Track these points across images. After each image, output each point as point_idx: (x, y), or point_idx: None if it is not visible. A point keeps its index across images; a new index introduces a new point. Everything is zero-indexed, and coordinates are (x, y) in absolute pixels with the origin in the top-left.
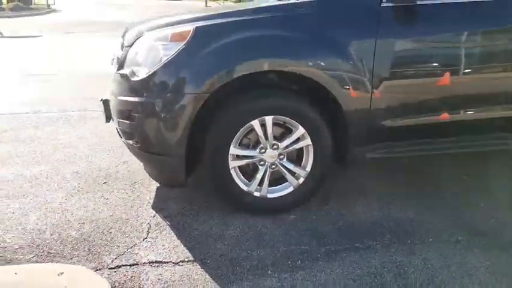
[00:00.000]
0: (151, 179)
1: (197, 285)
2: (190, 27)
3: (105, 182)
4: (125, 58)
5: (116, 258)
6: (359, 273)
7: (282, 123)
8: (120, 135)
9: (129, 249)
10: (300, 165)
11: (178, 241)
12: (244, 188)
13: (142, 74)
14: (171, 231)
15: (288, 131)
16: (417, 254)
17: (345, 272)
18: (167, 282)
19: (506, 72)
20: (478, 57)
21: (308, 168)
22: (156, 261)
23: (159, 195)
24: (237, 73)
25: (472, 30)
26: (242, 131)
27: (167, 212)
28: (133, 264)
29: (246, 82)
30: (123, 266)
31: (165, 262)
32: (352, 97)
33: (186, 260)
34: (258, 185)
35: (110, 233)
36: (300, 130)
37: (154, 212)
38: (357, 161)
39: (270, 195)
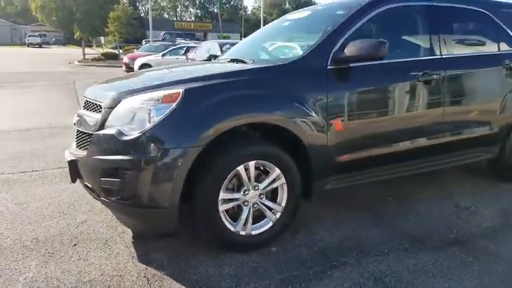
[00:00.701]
0: (121, 235)
1: None
2: (179, 90)
3: (75, 244)
4: (105, 119)
5: None
6: (347, 285)
7: (260, 167)
8: (95, 193)
9: None
10: (276, 201)
11: (184, 287)
12: (232, 228)
13: (133, 133)
14: (172, 279)
15: (265, 173)
16: (382, 263)
17: (336, 286)
18: None
19: (420, 112)
20: (397, 101)
21: (283, 204)
22: None
23: (139, 249)
24: (224, 127)
25: (391, 83)
26: (229, 177)
27: (157, 263)
28: None
29: (230, 134)
30: None
31: None
32: (313, 139)
33: None
34: (244, 225)
35: None
36: (276, 171)
37: (144, 265)
38: (318, 193)
39: (253, 232)
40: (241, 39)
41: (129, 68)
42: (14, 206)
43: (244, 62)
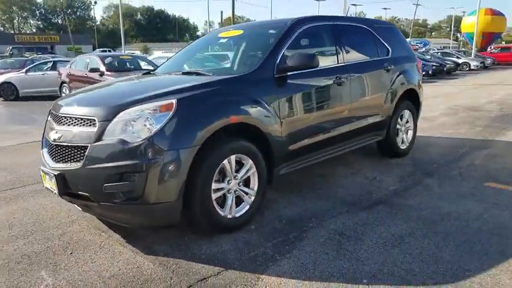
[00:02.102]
0: (110, 238)
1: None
2: (172, 100)
3: (71, 253)
4: (103, 131)
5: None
6: (322, 240)
7: (237, 159)
8: (90, 200)
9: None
10: (249, 187)
11: (201, 264)
12: (222, 213)
13: (137, 140)
14: (185, 261)
15: (239, 164)
16: (337, 222)
17: (315, 242)
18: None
19: (337, 107)
20: (321, 100)
21: (255, 188)
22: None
23: (137, 246)
24: (213, 128)
25: (316, 85)
26: (218, 169)
27: (163, 253)
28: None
29: (216, 134)
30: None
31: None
32: (272, 133)
33: (225, 268)
34: (229, 209)
35: (150, 280)
36: (250, 162)
37: (153, 256)
38: (276, 178)
39: (237, 215)
40: (93, 50)
41: None
42: None
43: (202, 75)
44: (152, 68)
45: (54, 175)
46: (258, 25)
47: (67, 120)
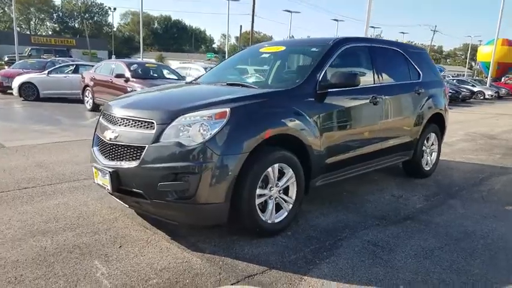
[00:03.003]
0: (155, 235)
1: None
2: (226, 109)
3: (120, 246)
4: (160, 133)
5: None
6: (357, 248)
7: (279, 168)
8: (145, 197)
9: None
10: (288, 195)
11: (246, 263)
12: (263, 218)
13: (192, 144)
14: (231, 258)
15: (280, 173)
16: (369, 234)
17: (350, 251)
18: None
19: (372, 125)
20: (358, 117)
21: (294, 197)
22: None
23: (183, 243)
24: (262, 138)
25: (355, 103)
26: (263, 176)
27: (208, 250)
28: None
29: (263, 143)
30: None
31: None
32: (313, 145)
33: (269, 268)
34: (270, 215)
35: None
36: (290, 171)
37: (199, 253)
38: (312, 189)
39: (276, 220)
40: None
41: (4, 87)
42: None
43: (249, 87)
44: (176, 77)
45: (109, 172)
46: (300, 43)
47: (125, 121)
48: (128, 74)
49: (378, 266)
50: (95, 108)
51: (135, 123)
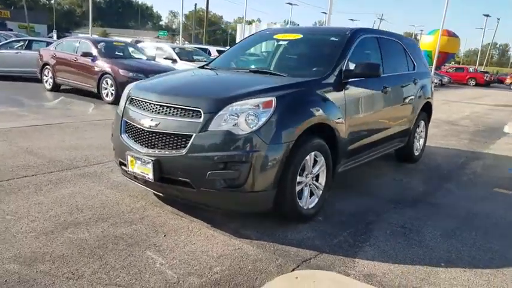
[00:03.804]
0: (194, 224)
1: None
2: (271, 98)
3: (165, 235)
4: (208, 122)
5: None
6: (388, 232)
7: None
8: (191, 186)
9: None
10: (318, 181)
11: (296, 248)
12: (300, 204)
13: (241, 132)
14: (279, 244)
15: (314, 161)
16: (392, 216)
17: (383, 233)
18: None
19: (383, 112)
20: (374, 105)
21: (323, 183)
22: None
23: (226, 231)
24: (304, 127)
25: (372, 92)
26: (302, 165)
27: (254, 237)
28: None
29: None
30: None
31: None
32: (340, 133)
33: (319, 252)
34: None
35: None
36: (322, 159)
37: (246, 239)
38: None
39: (310, 206)
40: (50, 31)
41: None
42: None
43: (278, 75)
44: (144, 57)
45: (152, 160)
46: (316, 31)
47: (166, 109)
48: (95, 53)
49: (414, 247)
50: (56, 87)
51: (179, 111)
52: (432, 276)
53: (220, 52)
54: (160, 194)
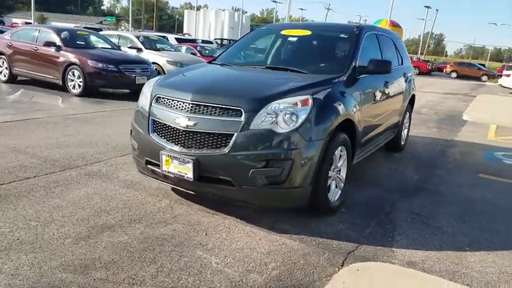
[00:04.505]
0: (227, 221)
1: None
2: (307, 96)
3: (206, 234)
4: (249, 121)
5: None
6: (408, 219)
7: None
8: (232, 184)
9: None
10: (340, 174)
11: (335, 240)
12: (329, 197)
13: (283, 131)
14: (317, 237)
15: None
16: (404, 205)
17: (405, 222)
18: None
19: (385, 105)
20: (380, 98)
21: (344, 176)
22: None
23: (262, 227)
24: (336, 123)
25: (379, 86)
26: (332, 159)
27: (293, 231)
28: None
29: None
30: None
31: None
32: (358, 127)
33: (358, 243)
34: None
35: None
36: (345, 153)
37: (285, 234)
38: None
39: (335, 199)
40: None
41: None
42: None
43: (295, 71)
44: (109, 46)
45: (192, 160)
46: (324, 28)
47: (203, 108)
48: (59, 42)
49: (437, 233)
50: (12, 79)
51: (217, 110)
52: (464, 260)
53: (178, 40)
54: (191, 193)
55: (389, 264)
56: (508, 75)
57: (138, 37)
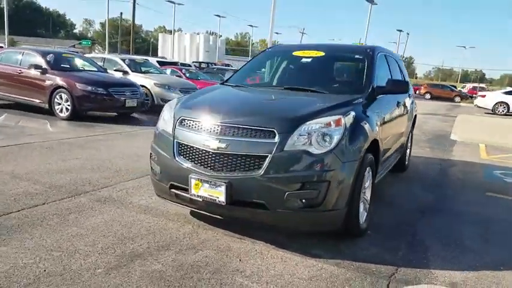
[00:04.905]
0: (258, 246)
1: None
2: (339, 116)
3: (240, 260)
4: (284, 142)
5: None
6: (436, 240)
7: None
8: (267, 207)
9: None
10: (365, 195)
11: (374, 264)
12: (360, 220)
13: (318, 152)
14: (351, 261)
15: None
16: (429, 224)
17: (432, 242)
18: None
19: (398, 124)
20: (395, 117)
21: (369, 197)
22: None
23: (295, 252)
24: (368, 143)
25: (391, 106)
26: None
27: (327, 256)
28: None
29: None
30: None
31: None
32: (380, 147)
33: (396, 266)
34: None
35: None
36: (370, 173)
37: (319, 259)
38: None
39: (363, 220)
40: None
41: None
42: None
43: (317, 92)
44: (95, 69)
45: (225, 183)
46: (338, 49)
47: (234, 130)
48: (44, 65)
49: (468, 252)
50: None
51: (249, 132)
52: (503, 280)
53: (160, 63)
54: (219, 217)
55: (433, 285)
56: (484, 96)
57: (124, 60)
